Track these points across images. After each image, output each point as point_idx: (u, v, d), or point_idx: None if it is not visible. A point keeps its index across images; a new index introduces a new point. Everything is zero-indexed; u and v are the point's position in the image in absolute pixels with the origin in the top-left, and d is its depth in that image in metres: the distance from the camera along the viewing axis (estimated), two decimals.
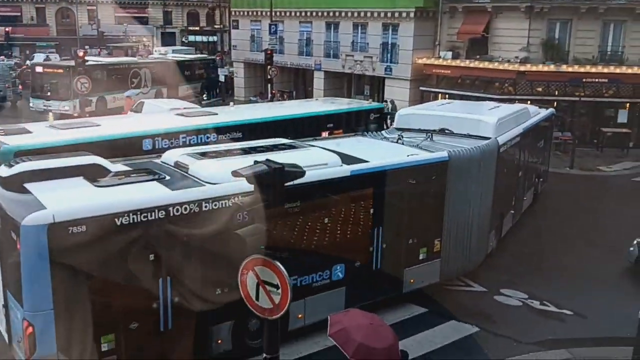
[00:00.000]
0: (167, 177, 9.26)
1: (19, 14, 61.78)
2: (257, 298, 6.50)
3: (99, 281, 7.83)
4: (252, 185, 6.33)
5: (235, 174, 6.61)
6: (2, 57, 44.61)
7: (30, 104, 31.30)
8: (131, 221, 7.93)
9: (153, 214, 8.13)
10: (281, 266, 6.31)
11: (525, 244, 15.60)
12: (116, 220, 7.83)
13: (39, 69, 31.99)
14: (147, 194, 8.51)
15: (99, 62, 33.67)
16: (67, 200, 8.00)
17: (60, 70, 30.93)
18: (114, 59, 38.42)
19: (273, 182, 6.36)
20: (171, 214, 8.31)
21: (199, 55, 45.37)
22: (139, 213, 7.99)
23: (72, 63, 32.46)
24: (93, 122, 14.59)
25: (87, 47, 45.66)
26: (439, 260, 12.09)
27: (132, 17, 64.53)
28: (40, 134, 12.90)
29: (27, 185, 8.46)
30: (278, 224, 9.50)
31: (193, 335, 8.87)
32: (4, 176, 8.70)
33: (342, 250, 10.54)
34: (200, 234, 8.61)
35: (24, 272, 7.51)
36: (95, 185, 8.64)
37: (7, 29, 55.95)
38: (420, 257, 11.78)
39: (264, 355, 6.75)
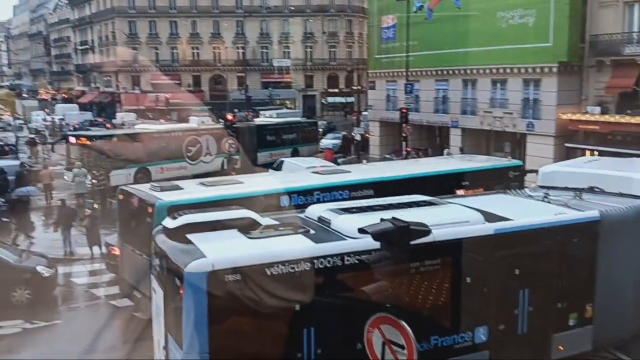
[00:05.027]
0: (312, 231, 9.70)
1: (178, 81, 69.05)
2: (383, 357, 6.50)
3: (250, 327, 8.28)
4: None
5: (362, 231, 6.79)
6: (168, 117, 49.17)
7: (65, 177, 28.07)
8: (280, 271, 8.38)
9: (300, 265, 8.54)
10: (407, 326, 6.25)
11: None
12: (267, 270, 8.32)
13: (72, 140, 29.17)
14: (294, 246, 8.96)
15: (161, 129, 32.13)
16: (224, 250, 8.65)
17: (88, 142, 28.01)
18: (174, 125, 36.01)
19: (398, 239, 6.42)
20: (316, 266, 8.68)
21: (291, 119, 41.51)
22: (287, 264, 8.44)
23: (100, 132, 31.24)
24: (237, 179, 15.64)
25: (235, 110, 49.13)
26: (591, 327, 11.27)
27: (276, 81, 69.46)
28: (190, 190, 13.93)
29: (189, 236, 9.23)
30: (416, 281, 9.54)
31: None
32: (170, 227, 9.62)
33: (485, 312, 10.22)
34: (343, 286, 8.86)
35: (185, 317, 8.12)
36: (248, 237, 9.25)
37: (167, 95, 62.43)
38: (570, 323, 11.06)
39: None
